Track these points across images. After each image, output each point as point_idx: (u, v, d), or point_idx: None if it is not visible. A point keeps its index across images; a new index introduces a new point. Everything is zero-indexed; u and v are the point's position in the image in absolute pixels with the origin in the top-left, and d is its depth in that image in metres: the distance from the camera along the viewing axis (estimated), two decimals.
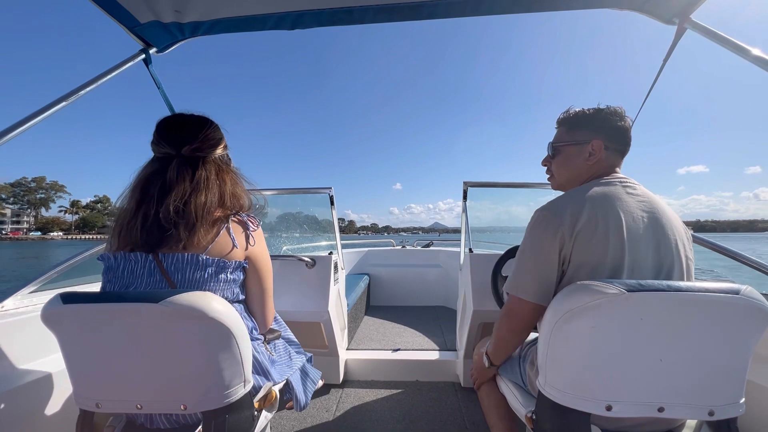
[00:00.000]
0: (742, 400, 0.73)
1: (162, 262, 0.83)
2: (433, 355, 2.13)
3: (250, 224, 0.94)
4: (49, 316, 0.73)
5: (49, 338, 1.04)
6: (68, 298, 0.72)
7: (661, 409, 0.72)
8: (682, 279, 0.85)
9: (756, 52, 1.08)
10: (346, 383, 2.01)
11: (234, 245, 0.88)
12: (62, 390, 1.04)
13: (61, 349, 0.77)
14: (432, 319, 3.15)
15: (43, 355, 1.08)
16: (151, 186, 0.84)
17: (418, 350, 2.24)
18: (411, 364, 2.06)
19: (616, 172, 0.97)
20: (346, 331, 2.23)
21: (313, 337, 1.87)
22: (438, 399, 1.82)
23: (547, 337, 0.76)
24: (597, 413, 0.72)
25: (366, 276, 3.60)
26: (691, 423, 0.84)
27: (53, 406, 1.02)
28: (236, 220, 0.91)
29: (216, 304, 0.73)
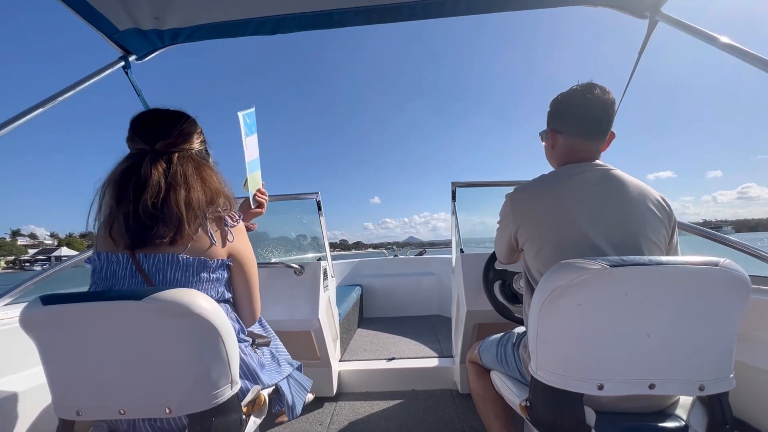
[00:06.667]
0: (732, 374, 0.77)
1: (142, 263, 0.84)
2: (429, 362, 2.13)
3: (229, 220, 0.94)
4: (28, 319, 0.74)
5: (24, 352, 1.04)
6: (48, 300, 0.73)
7: (652, 386, 0.75)
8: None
9: (725, 39, 1.17)
10: (340, 396, 1.99)
11: (212, 242, 0.89)
12: (38, 406, 1.03)
13: (40, 355, 0.77)
14: (427, 327, 3.16)
15: (17, 370, 1.07)
16: (126, 183, 0.84)
17: (414, 358, 2.24)
18: (406, 373, 2.06)
19: (596, 160, 1.00)
20: (338, 342, 2.23)
21: (304, 347, 1.86)
22: (435, 407, 1.82)
23: (536, 319, 0.79)
24: (589, 393, 0.75)
25: (358, 287, 3.60)
26: (685, 402, 0.87)
27: (28, 424, 1.01)
28: (212, 216, 0.91)
29: (201, 301, 0.74)
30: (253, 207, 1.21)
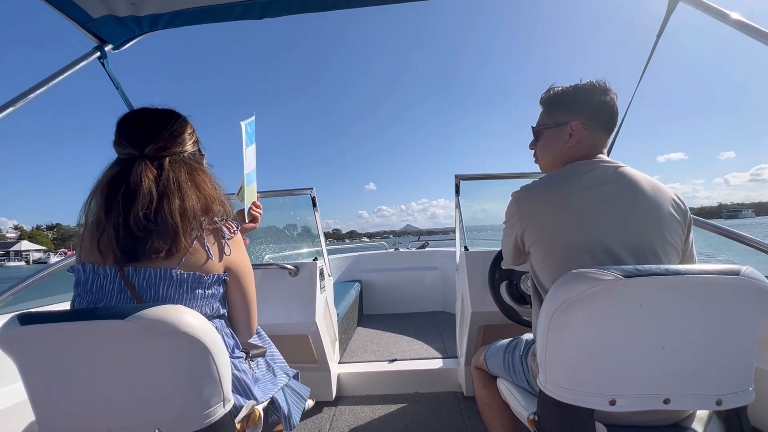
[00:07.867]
0: (751, 387, 0.75)
1: (131, 277, 0.81)
2: (433, 363, 2.13)
3: (226, 231, 0.90)
4: (5, 339, 0.71)
5: (5, 367, 1.02)
6: (26, 319, 0.71)
7: (666, 401, 0.73)
8: (656, 261, 0.86)
9: (736, 16, 1.12)
10: (340, 400, 2.00)
11: (209, 257, 0.86)
12: (21, 424, 1.01)
13: (21, 376, 0.75)
14: (430, 325, 3.16)
15: None
16: (115, 192, 0.81)
17: (417, 359, 2.24)
18: (409, 375, 2.06)
19: (599, 155, 0.98)
20: (337, 343, 2.22)
21: (301, 351, 1.86)
22: (439, 411, 1.82)
23: (545, 331, 0.77)
24: (601, 409, 0.73)
25: (357, 283, 3.59)
26: (701, 414, 0.86)
27: None
28: (209, 227, 0.88)
29: (188, 318, 0.72)
30: (247, 221, 1.18)
